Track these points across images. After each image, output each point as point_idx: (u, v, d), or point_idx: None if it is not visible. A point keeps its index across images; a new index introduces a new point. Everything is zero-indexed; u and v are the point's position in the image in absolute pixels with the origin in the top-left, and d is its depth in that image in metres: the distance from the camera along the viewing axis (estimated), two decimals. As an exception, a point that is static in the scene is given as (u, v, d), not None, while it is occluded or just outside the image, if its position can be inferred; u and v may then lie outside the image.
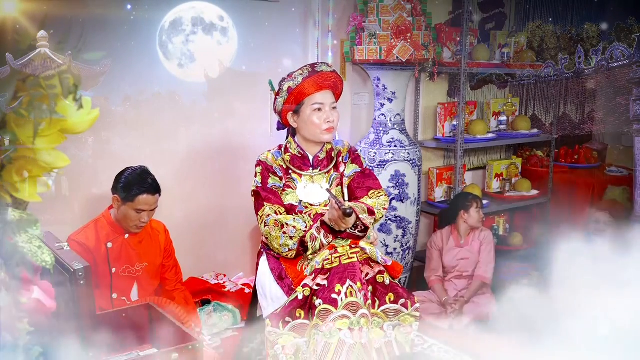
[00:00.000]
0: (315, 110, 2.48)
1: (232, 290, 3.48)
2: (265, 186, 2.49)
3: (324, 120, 2.48)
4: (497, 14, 4.55)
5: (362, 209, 2.40)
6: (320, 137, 2.51)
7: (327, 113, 2.49)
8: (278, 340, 2.25)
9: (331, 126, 2.50)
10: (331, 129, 2.50)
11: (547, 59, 4.22)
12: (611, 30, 3.98)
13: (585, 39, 4.42)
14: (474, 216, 3.65)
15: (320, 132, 2.50)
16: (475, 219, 3.65)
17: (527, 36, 4.48)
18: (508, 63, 4.30)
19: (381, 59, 3.59)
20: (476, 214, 3.65)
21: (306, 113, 2.49)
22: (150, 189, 2.67)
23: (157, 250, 2.87)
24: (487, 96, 4.60)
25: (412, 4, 3.65)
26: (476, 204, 3.66)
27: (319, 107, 2.48)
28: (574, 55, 3.64)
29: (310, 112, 2.48)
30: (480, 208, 3.68)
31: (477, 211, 3.65)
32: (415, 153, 3.84)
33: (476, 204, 3.66)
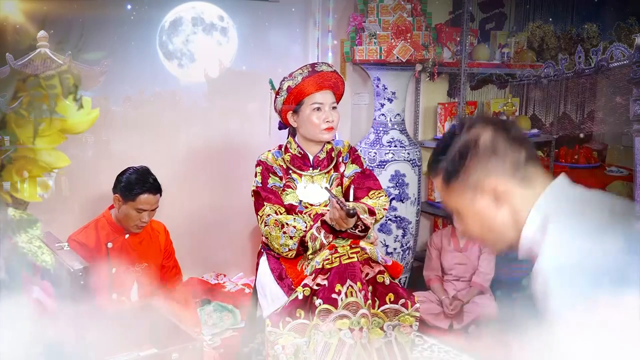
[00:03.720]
0: (315, 109, 2.48)
1: (232, 290, 3.48)
2: (265, 186, 2.49)
3: (323, 120, 2.48)
4: (497, 14, 4.55)
5: (363, 209, 2.40)
6: (320, 136, 2.51)
7: (326, 113, 2.49)
8: (278, 340, 2.25)
9: (330, 126, 2.50)
10: (330, 128, 2.50)
11: (547, 59, 4.22)
12: (611, 30, 3.98)
13: (585, 39, 4.43)
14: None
15: (319, 132, 2.50)
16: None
17: (527, 36, 4.48)
18: (508, 63, 4.30)
19: (381, 59, 3.59)
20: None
21: (305, 112, 2.49)
22: (152, 188, 2.67)
23: (157, 250, 2.87)
24: (487, 96, 4.60)
25: (412, 4, 3.65)
26: None
27: (319, 107, 2.48)
28: (574, 55, 3.64)
29: (310, 112, 2.48)
30: None
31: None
32: (415, 153, 3.84)
33: None
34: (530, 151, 1.24)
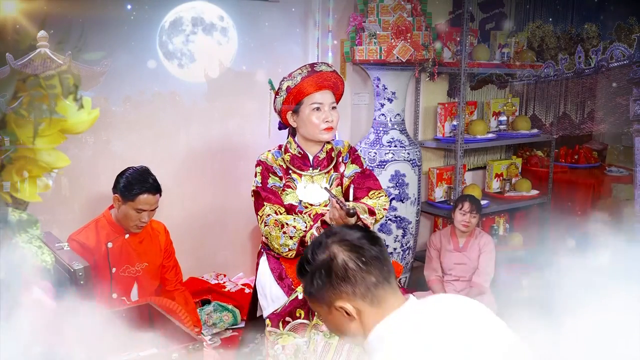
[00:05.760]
0: (314, 109, 2.48)
1: (232, 290, 3.48)
2: (265, 186, 2.49)
3: (323, 120, 2.48)
4: (497, 14, 4.55)
5: (363, 209, 2.40)
6: (319, 136, 2.51)
7: (326, 113, 2.48)
8: (278, 340, 2.25)
9: (330, 126, 2.49)
10: (330, 128, 2.50)
11: (547, 59, 4.22)
12: (611, 30, 3.98)
13: (585, 39, 4.42)
14: (457, 218, 3.55)
15: (319, 132, 2.49)
16: (457, 221, 3.55)
17: (527, 36, 4.48)
18: (508, 63, 4.30)
19: (381, 59, 3.59)
20: (459, 216, 3.54)
21: (305, 112, 2.49)
22: (151, 188, 2.67)
23: (157, 250, 2.87)
24: (487, 96, 4.60)
25: (412, 4, 3.65)
26: (461, 206, 3.54)
27: (318, 107, 2.48)
28: (574, 55, 3.64)
29: (309, 112, 2.48)
30: (467, 212, 3.53)
31: (460, 214, 3.53)
32: (415, 153, 3.84)
33: (461, 206, 3.54)
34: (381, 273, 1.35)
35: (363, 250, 1.35)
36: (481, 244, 3.60)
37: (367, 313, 1.34)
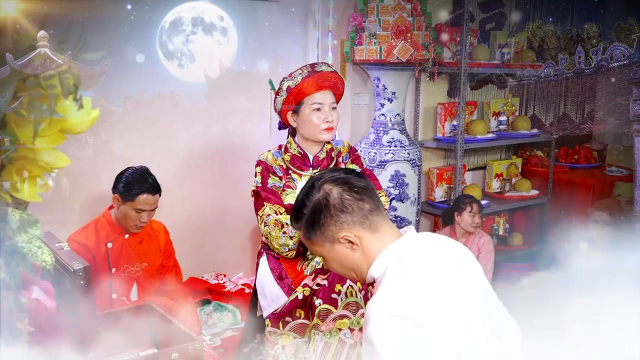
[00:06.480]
0: (315, 110, 2.47)
1: (232, 290, 3.48)
2: (265, 186, 2.48)
3: (323, 120, 2.48)
4: (497, 14, 4.55)
5: (362, 209, 2.40)
6: (319, 136, 2.51)
7: (326, 113, 2.48)
8: (278, 340, 2.25)
9: (330, 126, 2.49)
10: (330, 128, 2.50)
11: (547, 59, 4.22)
12: (611, 30, 3.98)
13: (585, 39, 4.43)
14: (465, 220, 3.57)
15: (319, 132, 2.49)
16: (466, 223, 3.57)
17: (527, 36, 4.48)
18: (508, 63, 4.30)
19: (381, 59, 3.59)
20: (468, 218, 3.56)
21: (305, 113, 2.48)
22: (151, 188, 2.67)
23: (157, 250, 2.87)
24: (487, 96, 4.60)
25: (412, 4, 3.65)
26: (470, 208, 3.56)
27: (318, 107, 2.48)
28: (574, 55, 3.64)
29: (310, 112, 2.48)
30: (476, 213, 3.57)
31: (470, 215, 3.56)
32: (415, 153, 3.84)
33: (470, 208, 3.56)
34: (374, 201, 1.47)
35: (352, 183, 1.46)
36: (480, 243, 3.61)
37: (368, 239, 1.44)
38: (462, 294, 1.37)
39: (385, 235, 1.46)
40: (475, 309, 1.36)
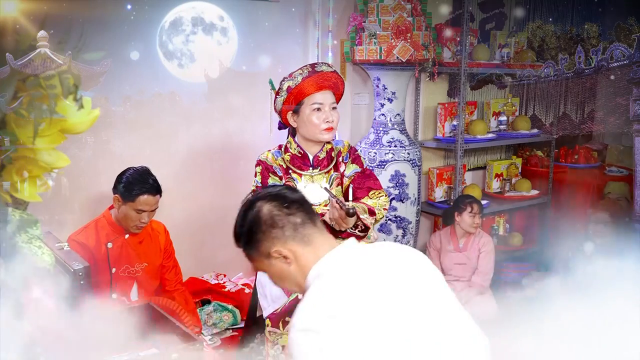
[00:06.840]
0: (315, 110, 2.47)
1: (232, 290, 3.48)
2: (265, 186, 2.49)
3: (323, 120, 2.48)
4: (497, 14, 4.55)
5: (363, 209, 2.40)
6: (319, 136, 2.51)
7: (326, 113, 2.48)
8: (278, 340, 2.25)
9: (330, 126, 2.49)
10: (330, 128, 2.50)
11: (547, 59, 4.22)
12: (611, 30, 3.98)
13: (585, 39, 4.43)
14: (466, 220, 3.58)
15: (319, 132, 2.49)
16: (467, 223, 3.58)
17: (527, 36, 4.48)
18: (508, 63, 4.30)
19: (381, 59, 3.59)
20: (469, 219, 3.57)
21: (305, 113, 2.48)
22: (151, 189, 2.67)
23: (157, 250, 2.87)
24: (487, 96, 4.60)
25: (412, 4, 3.65)
26: (471, 208, 3.57)
27: (318, 107, 2.48)
28: (574, 55, 3.64)
29: (310, 112, 2.48)
30: (477, 214, 3.58)
31: (470, 216, 3.57)
32: (415, 153, 3.84)
33: (471, 208, 3.57)
34: (306, 214, 1.49)
35: (284, 197, 1.50)
36: (480, 243, 3.61)
37: (301, 253, 1.46)
38: (396, 301, 1.35)
39: (318, 247, 1.47)
40: (416, 316, 1.35)
